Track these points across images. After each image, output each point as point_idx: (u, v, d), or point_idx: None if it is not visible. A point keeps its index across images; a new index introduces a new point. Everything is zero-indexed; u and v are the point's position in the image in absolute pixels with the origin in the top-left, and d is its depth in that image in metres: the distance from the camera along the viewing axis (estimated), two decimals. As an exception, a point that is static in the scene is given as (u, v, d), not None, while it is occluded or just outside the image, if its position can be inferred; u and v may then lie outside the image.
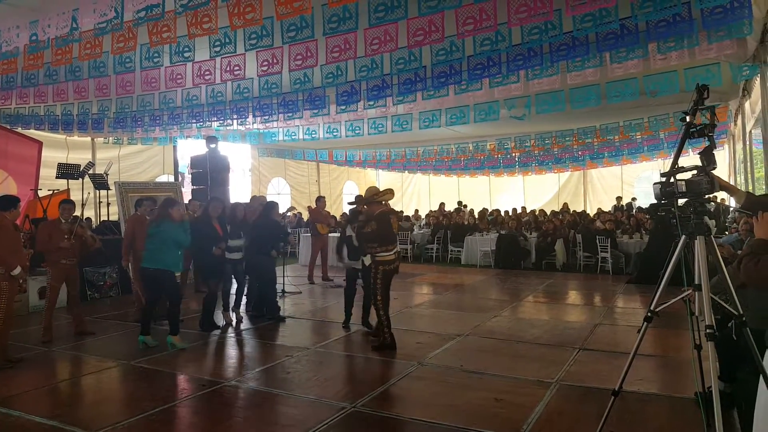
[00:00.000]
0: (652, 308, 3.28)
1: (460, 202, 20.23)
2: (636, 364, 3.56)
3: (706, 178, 3.07)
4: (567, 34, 5.89)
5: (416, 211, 21.07)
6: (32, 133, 10.86)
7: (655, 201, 3.36)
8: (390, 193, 6.29)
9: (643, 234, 12.35)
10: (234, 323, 7.28)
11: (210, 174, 9.46)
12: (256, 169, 18.30)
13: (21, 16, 5.74)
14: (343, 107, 8.62)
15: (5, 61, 6.59)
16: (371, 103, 8.35)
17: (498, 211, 18.14)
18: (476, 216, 17.34)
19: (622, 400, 3.88)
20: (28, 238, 8.38)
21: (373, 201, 6.11)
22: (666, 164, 15.21)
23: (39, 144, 11.04)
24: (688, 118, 3.14)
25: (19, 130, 10.48)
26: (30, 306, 8.24)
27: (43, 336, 6.47)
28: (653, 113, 11.05)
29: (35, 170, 10.92)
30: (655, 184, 3.30)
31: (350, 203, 7.09)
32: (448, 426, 3.90)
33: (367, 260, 6.26)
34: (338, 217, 13.23)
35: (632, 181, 20.66)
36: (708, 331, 2.89)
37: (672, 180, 3.17)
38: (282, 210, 9.52)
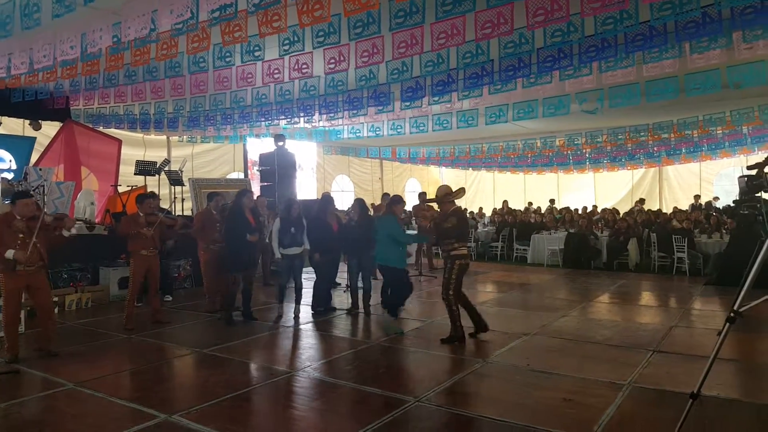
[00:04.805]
0: (735, 308, 3.09)
1: (530, 203, 19.89)
2: (716, 368, 3.36)
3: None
4: (644, 24, 5.62)
5: (480, 208, 20.77)
6: (112, 131, 11.47)
7: (736, 198, 3.18)
8: (462, 191, 6.56)
9: (723, 234, 11.62)
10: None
11: (278, 171, 9.72)
12: (321, 167, 18.63)
13: (105, 19, 6.09)
14: (408, 103, 8.62)
15: (89, 63, 6.99)
16: (436, 98, 8.29)
17: (568, 209, 17.60)
18: (543, 213, 16.90)
19: (701, 405, 3.66)
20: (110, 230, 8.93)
21: (446, 200, 6.27)
22: (749, 160, 14.26)
23: (118, 142, 11.69)
24: None
25: (101, 129, 11.10)
26: (111, 295, 8.75)
27: (126, 324, 6.77)
28: (736, 107, 10.38)
29: (115, 167, 11.58)
30: (740, 177, 3.11)
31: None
32: (515, 424, 3.82)
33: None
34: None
35: (711, 179, 19.45)
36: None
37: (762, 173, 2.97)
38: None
